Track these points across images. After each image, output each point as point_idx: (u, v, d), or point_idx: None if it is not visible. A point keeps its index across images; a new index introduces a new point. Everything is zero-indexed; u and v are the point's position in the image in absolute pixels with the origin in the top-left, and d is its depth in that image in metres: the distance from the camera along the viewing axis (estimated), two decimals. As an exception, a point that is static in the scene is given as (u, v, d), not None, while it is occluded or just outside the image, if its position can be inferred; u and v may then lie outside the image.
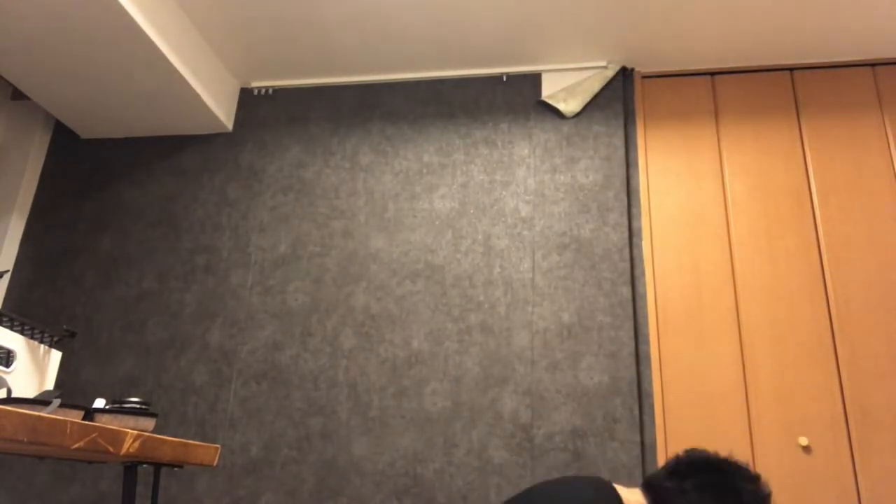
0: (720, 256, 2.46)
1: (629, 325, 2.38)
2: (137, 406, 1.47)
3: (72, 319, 2.73)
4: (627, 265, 2.46)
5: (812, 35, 2.57)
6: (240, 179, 2.88)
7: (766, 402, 2.25)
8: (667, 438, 2.25)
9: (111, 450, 1.10)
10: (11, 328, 1.55)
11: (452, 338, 2.47)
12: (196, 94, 2.71)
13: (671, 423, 2.27)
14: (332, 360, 2.51)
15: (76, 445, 1.00)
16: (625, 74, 2.80)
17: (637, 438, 2.23)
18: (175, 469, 2.41)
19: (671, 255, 2.49)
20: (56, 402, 1.15)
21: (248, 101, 3.03)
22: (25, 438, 0.90)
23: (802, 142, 2.59)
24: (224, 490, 2.39)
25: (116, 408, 1.40)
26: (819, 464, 2.16)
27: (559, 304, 2.45)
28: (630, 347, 2.35)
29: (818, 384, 2.25)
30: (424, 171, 2.75)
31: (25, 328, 1.59)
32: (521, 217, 2.61)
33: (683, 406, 2.28)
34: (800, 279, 2.39)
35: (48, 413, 1.06)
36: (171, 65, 2.53)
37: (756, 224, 2.49)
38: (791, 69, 2.72)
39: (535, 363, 2.38)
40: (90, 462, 2.30)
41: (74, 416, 1.22)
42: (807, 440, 2.18)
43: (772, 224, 2.48)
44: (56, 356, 1.80)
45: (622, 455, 2.21)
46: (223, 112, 2.91)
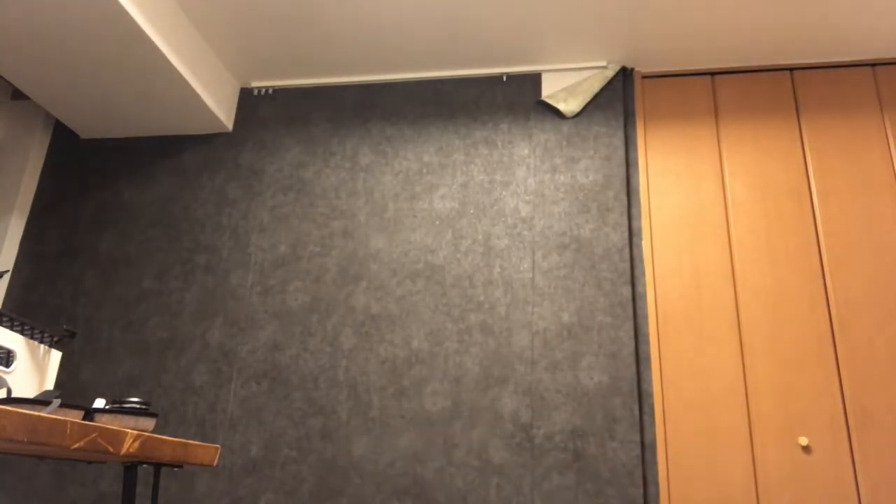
0: (720, 256, 2.46)
1: (629, 325, 2.38)
2: (137, 406, 1.47)
3: (72, 319, 2.73)
4: (627, 265, 2.46)
5: (812, 35, 2.57)
6: (240, 179, 2.88)
7: (766, 402, 2.25)
8: (667, 438, 2.25)
9: (111, 450, 1.10)
10: (11, 328, 1.55)
11: (452, 338, 2.47)
12: (196, 94, 2.71)
13: (671, 423, 2.27)
14: (332, 360, 2.51)
15: (76, 445, 1.00)
16: (625, 74, 2.80)
17: (637, 438, 2.23)
18: (175, 469, 2.41)
19: (671, 255, 2.49)
20: (56, 402, 1.15)
21: (248, 101, 3.03)
22: (25, 438, 0.90)
23: (802, 142, 2.59)
24: (224, 490, 2.39)
25: (116, 408, 1.40)
26: (819, 464, 2.16)
27: (559, 305, 2.45)
28: (630, 347, 2.35)
29: (818, 384, 2.25)
30: (424, 172, 2.75)
31: (25, 328, 1.59)
32: (521, 217, 2.61)
33: (683, 406, 2.28)
34: (800, 279, 2.39)
35: (48, 413, 1.06)
36: (171, 65, 2.53)
37: (756, 224, 2.49)
38: (791, 69, 2.72)
39: (535, 363, 2.38)
40: (90, 462, 2.30)
41: (74, 416, 1.22)
42: (807, 440, 2.18)
43: (772, 224, 2.48)
44: (56, 356, 1.80)
45: (622, 455, 2.21)
46: (223, 112, 2.91)
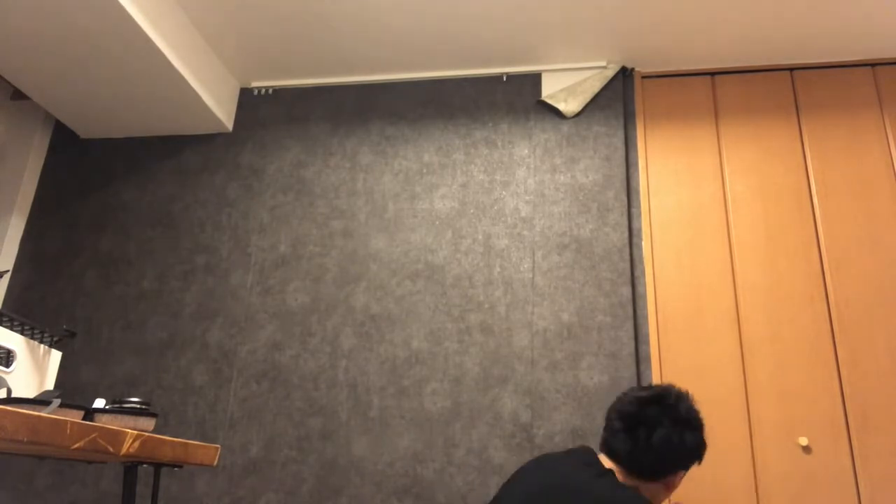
0: (720, 256, 2.46)
1: (629, 325, 2.38)
2: (137, 406, 1.47)
3: (72, 319, 2.73)
4: (627, 265, 2.46)
5: (812, 35, 2.57)
6: (240, 179, 2.87)
7: (766, 403, 2.25)
8: (667, 438, 2.25)
9: (111, 450, 1.10)
10: (11, 328, 1.55)
11: (452, 338, 2.47)
12: (196, 94, 2.71)
13: (671, 423, 2.26)
14: (332, 360, 2.51)
15: (76, 445, 1.00)
16: (625, 74, 2.80)
17: (637, 438, 2.22)
18: (175, 469, 2.41)
19: (671, 255, 2.49)
20: (56, 402, 1.15)
21: (248, 101, 3.03)
22: (25, 438, 0.90)
23: (802, 142, 2.59)
24: (224, 490, 2.39)
25: (116, 408, 1.40)
26: (819, 464, 2.16)
27: (559, 304, 2.45)
28: (630, 347, 2.35)
29: (818, 384, 2.25)
30: (424, 171, 2.75)
31: (25, 328, 1.59)
32: (521, 217, 2.60)
33: (683, 406, 2.28)
34: (800, 279, 2.38)
35: (48, 413, 1.06)
36: (171, 65, 2.53)
37: (756, 224, 2.49)
38: (791, 69, 2.72)
39: (535, 363, 2.38)
40: (90, 462, 2.30)
41: (74, 416, 1.22)
42: (807, 440, 2.18)
43: (772, 224, 2.48)
44: (56, 356, 1.80)
45: (622, 455, 2.21)
46: (223, 112, 2.91)
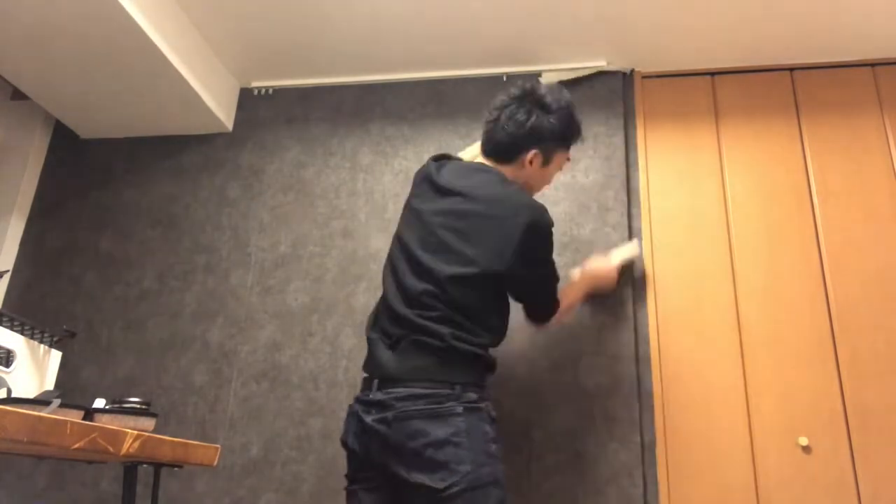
0: (720, 256, 2.46)
1: (629, 325, 2.38)
2: (137, 406, 1.47)
3: (72, 319, 2.73)
4: (627, 265, 2.46)
5: (812, 35, 2.57)
6: (240, 179, 2.87)
7: (766, 402, 2.25)
8: (667, 438, 2.25)
9: (111, 450, 1.10)
10: (11, 328, 1.55)
11: (452, 338, 2.47)
12: (196, 94, 2.71)
13: (671, 423, 2.27)
14: (332, 360, 2.51)
15: (76, 445, 1.01)
16: (625, 74, 2.80)
17: (637, 438, 2.22)
18: (175, 469, 2.41)
19: (671, 255, 2.49)
20: (56, 402, 1.15)
21: (248, 101, 3.03)
22: (25, 438, 0.90)
23: (802, 142, 2.59)
24: (224, 490, 2.39)
25: (116, 408, 1.40)
26: (819, 464, 2.16)
27: (559, 304, 2.44)
28: (630, 347, 2.35)
29: (818, 384, 2.25)
30: (424, 171, 2.74)
31: (25, 328, 1.59)
32: (521, 217, 2.60)
33: (683, 406, 2.28)
34: (800, 279, 2.38)
35: (48, 413, 1.06)
36: (171, 65, 2.53)
37: (756, 224, 2.48)
38: (791, 69, 2.72)
39: (535, 363, 2.37)
40: (90, 462, 2.30)
41: (74, 416, 1.22)
42: (807, 440, 2.18)
43: (772, 224, 2.48)
44: (56, 356, 1.80)
45: (622, 455, 2.21)
46: (223, 112, 2.91)
